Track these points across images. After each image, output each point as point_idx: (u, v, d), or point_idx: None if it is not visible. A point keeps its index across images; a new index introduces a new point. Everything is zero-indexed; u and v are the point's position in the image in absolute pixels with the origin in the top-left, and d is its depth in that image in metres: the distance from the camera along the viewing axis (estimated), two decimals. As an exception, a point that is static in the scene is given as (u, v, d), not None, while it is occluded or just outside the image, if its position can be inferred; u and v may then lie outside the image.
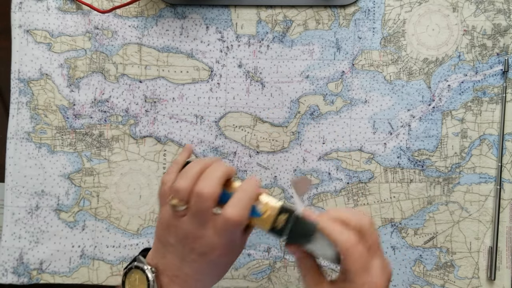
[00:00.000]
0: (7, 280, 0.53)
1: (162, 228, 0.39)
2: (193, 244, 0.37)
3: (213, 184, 0.37)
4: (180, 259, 0.38)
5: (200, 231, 0.37)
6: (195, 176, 0.38)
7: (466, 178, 0.53)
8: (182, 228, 0.38)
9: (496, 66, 0.53)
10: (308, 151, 0.54)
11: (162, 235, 0.39)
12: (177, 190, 0.38)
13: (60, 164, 0.54)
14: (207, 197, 0.36)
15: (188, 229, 0.37)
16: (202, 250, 0.37)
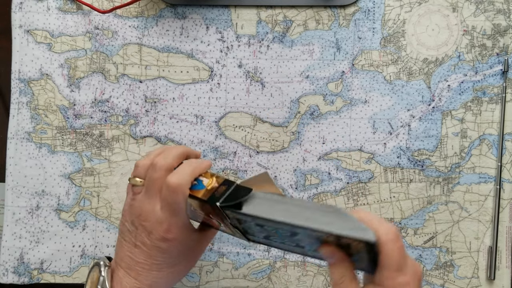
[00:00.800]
0: (7, 280, 0.53)
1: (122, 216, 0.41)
2: (144, 221, 0.39)
3: (169, 157, 0.40)
4: (133, 244, 0.39)
5: (150, 205, 0.39)
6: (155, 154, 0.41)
7: (466, 178, 0.53)
8: (136, 206, 0.40)
9: (496, 66, 0.53)
10: (308, 151, 0.54)
11: (121, 223, 0.41)
12: (137, 165, 0.41)
13: (60, 164, 0.54)
14: (160, 167, 0.39)
15: (140, 206, 0.39)
16: (150, 227, 0.38)
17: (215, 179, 0.40)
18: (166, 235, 0.38)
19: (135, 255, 0.39)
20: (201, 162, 0.40)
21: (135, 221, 0.39)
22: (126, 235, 0.40)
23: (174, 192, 0.37)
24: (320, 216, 0.34)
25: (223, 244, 0.54)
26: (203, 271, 0.54)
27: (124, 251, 0.40)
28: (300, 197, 0.54)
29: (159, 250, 0.39)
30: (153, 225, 0.38)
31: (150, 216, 0.38)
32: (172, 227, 0.38)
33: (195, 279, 0.54)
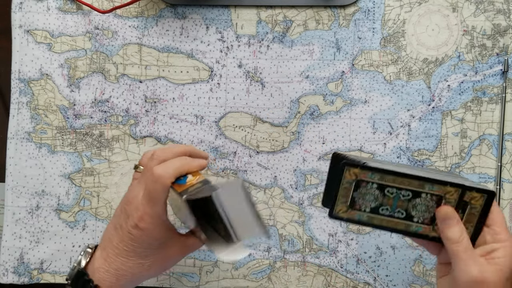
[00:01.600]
0: (7, 280, 0.53)
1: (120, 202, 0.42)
2: (127, 205, 0.40)
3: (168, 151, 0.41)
4: (114, 226, 0.41)
5: (137, 191, 0.40)
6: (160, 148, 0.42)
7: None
8: (129, 190, 0.41)
9: (496, 66, 0.53)
10: (308, 151, 0.54)
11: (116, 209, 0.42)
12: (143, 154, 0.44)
13: (60, 164, 0.54)
14: (156, 157, 0.40)
15: (131, 190, 0.41)
16: (130, 211, 0.39)
17: (198, 178, 0.41)
18: (138, 222, 0.39)
19: (112, 237, 0.40)
20: (192, 161, 0.41)
21: (123, 204, 0.41)
22: (114, 218, 0.42)
23: (155, 181, 0.38)
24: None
25: (223, 244, 0.54)
26: (203, 271, 0.54)
27: (106, 232, 0.42)
28: None
29: (130, 236, 0.39)
30: (132, 210, 0.39)
31: (133, 201, 0.39)
32: (146, 216, 0.39)
33: (195, 279, 0.54)
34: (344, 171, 0.41)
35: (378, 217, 0.41)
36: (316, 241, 0.53)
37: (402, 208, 0.41)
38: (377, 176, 0.41)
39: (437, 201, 0.40)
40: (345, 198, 0.42)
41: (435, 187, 0.40)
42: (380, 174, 0.40)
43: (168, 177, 0.38)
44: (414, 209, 0.41)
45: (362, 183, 0.41)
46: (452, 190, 0.40)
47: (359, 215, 0.42)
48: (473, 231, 0.39)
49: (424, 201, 0.41)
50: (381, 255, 0.53)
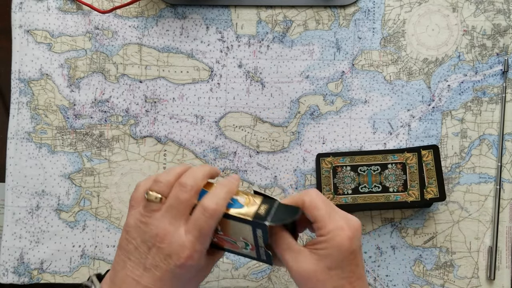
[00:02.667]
0: (7, 280, 0.53)
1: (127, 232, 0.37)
2: (161, 243, 0.35)
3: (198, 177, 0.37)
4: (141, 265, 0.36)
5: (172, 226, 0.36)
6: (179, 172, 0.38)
7: (466, 178, 0.53)
8: (153, 224, 0.36)
9: (496, 66, 0.53)
10: (308, 151, 0.54)
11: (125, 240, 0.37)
12: (158, 181, 0.37)
13: (60, 164, 0.54)
14: (190, 188, 0.36)
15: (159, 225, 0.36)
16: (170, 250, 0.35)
17: (251, 197, 0.38)
18: (187, 261, 0.35)
19: (142, 279, 0.36)
20: (232, 183, 0.38)
21: (149, 241, 0.36)
22: (133, 255, 0.36)
23: (211, 217, 0.35)
24: None
25: (223, 244, 0.54)
26: (203, 271, 0.54)
27: (127, 272, 0.36)
28: None
29: (173, 275, 0.36)
30: (173, 249, 0.35)
31: (171, 239, 0.35)
32: (196, 254, 0.35)
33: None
34: (320, 162, 0.50)
35: (360, 196, 0.49)
36: (316, 241, 0.53)
37: (377, 183, 0.49)
38: (347, 159, 0.49)
39: (402, 169, 0.48)
40: (328, 186, 0.50)
41: (396, 156, 0.48)
42: (349, 156, 0.50)
43: (222, 210, 0.36)
44: (387, 180, 0.49)
45: (338, 168, 0.49)
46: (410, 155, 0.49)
47: (344, 198, 0.49)
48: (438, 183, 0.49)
49: (392, 171, 0.49)
50: (381, 255, 0.53)
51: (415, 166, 0.48)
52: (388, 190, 0.49)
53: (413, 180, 0.49)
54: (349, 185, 0.49)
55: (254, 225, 0.36)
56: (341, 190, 0.49)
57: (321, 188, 0.50)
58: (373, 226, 0.53)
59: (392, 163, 0.48)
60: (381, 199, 0.49)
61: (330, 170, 0.48)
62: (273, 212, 0.37)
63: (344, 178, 0.49)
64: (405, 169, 0.49)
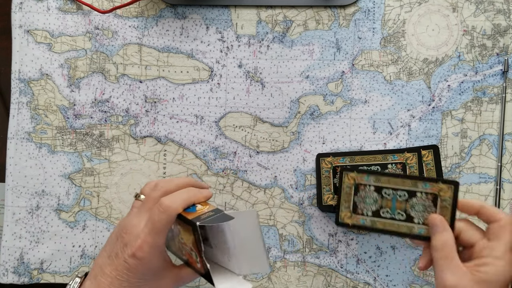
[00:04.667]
0: (7, 280, 0.53)
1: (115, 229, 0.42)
2: (124, 233, 0.40)
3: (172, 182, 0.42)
4: (107, 254, 0.40)
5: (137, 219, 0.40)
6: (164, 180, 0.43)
7: (466, 178, 0.53)
8: (126, 219, 0.41)
9: (496, 66, 0.53)
10: (308, 151, 0.54)
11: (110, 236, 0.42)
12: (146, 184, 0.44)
13: (60, 164, 0.54)
14: (160, 188, 0.41)
15: (129, 219, 0.40)
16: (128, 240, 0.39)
17: (208, 207, 0.41)
18: (136, 251, 0.38)
19: (104, 266, 0.40)
20: (199, 192, 0.42)
21: (118, 232, 0.40)
22: (107, 246, 0.41)
23: (163, 211, 0.38)
24: None
25: (223, 244, 0.54)
26: (203, 271, 0.54)
27: (98, 260, 0.41)
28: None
29: (126, 266, 0.39)
30: (130, 239, 0.39)
31: (132, 230, 0.39)
32: (145, 245, 0.38)
33: (195, 279, 0.54)
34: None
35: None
36: (316, 241, 0.53)
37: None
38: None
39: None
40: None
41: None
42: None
43: (176, 208, 0.39)
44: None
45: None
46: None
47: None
48: None
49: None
50: (381, 255, 0.53)
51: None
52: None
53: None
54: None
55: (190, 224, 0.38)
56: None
57: (321, 188, 0.50)
58: (373, 226, 0.53)
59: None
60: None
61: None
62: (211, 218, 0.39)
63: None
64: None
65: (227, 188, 0.54)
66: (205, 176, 0.54)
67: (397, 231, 0.43)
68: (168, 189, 0.41)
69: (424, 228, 0.42)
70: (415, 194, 0.42)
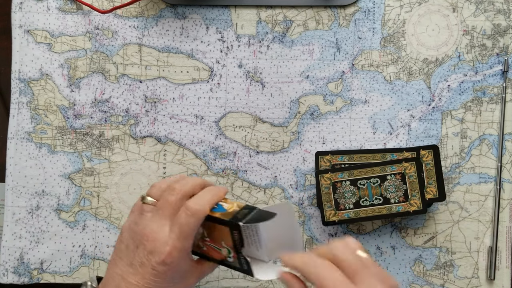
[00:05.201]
0: (7, 280, 0.53)
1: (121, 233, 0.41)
2: (147, 240, 0.38)
3: (188, 184, 0.40)
4: (129, 263, 0.39)
5: (158, 225, 0.38)
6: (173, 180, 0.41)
7: (465, 178, 0.53)
8: (142, 224, 0.39)
9: (496, 66, 0.53)
10: (308, 151, 0.54)
11: (119, 241, 0.40)
12: (153, 186, 0.41)
13: (60, 164, 0.54)
14: (178, 191, 0.39)
15: (147, 224, 0.39)
16: (153, 247, 0.38)
17: (235, 204, 0.40)
18: (166, 258, 0.37)
19: (127, 275, 0.38)
20: (219, 190, 0.41)
21: (137, 240, 0.39)
22: (123, 253, 0.39)
23: (192, 216, 0.38)
24: None
25: (223, 244, 0.54)
26: (203, 271, 0.54)
27: (115, 270, 0.39)
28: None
29: (154, 273, 0.38)
30: (156, 246, 0.38)
31: (156, 236, 0.38)
32: (175, 251, 0.38)
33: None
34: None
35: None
36: (317, 241, 0.53)
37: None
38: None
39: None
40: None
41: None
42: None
43: (205, 210, 0.38)
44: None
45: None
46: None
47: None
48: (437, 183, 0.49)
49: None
50: (381, 255, 0.53)
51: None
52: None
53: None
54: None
55: (230, 225, 0.38)
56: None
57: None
58: (373, 226, 0.53)
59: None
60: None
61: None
62: (250, 216, 0.38)
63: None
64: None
65: (227, 188, 0.54)
66: (205, 176, 0.54)
67: (379, 214, 0.48)
68: (186, 191, 0.40)
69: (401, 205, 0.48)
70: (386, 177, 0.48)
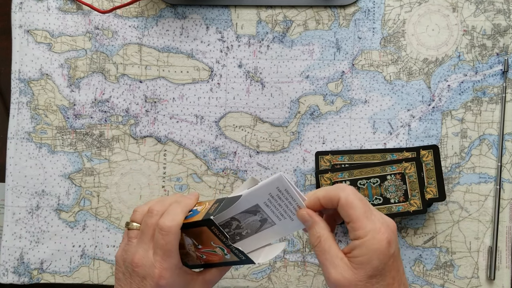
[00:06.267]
0: (7, 280, 0.53)
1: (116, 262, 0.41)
2: (136, 267, 0.38)
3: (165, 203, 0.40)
4: None
5: (143, 250, 0.38)
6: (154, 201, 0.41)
7: (466, 178, 0.53)
8: (130, 251, 0.39)
9: (496, 66, 0.53)
10: (308, 151, 0.54)
11: (116, 270, 0.41)
12: (135, 211, 0.41)
13: (60, 164, 0.54)
14: (156, 213, 0.39)
15: (134, 252, 0.39)
16: (144, 273, 0.38)
17: (207, 203, 0.40)
18: (159, 281, 0.37)
19: None
20: (188, 198, 0.41)
21: (129, 267, 0.39)
22: (123, 282, 0.40)
23: (167, 234, 0.37)
24: None
25: (223, 244, 0.54)
26: (203, 271, 0.54)
27: None
28: None
29: None
30: (146, 271, 0.38)
31: (143, 262, 0.38)
32: (165, 272, 0.38)
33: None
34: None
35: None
36: (316, 241, 0.53)
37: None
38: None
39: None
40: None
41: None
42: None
43: (177, 224, 0.38)
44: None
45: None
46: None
47: None
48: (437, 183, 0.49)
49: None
50: (381, 255, 0.53)
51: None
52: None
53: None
54: None
55: (205, 224, 0.37)
56: None
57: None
58: (373, 226, 0.53)
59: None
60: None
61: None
62: (220, 207, 0.38)
63: None
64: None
65: (227, 188, 0.54)
66: (205, 176, 0.54)
67: None
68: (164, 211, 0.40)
69: (401, 205, 0.47)
70: (386, 177, 0.47)
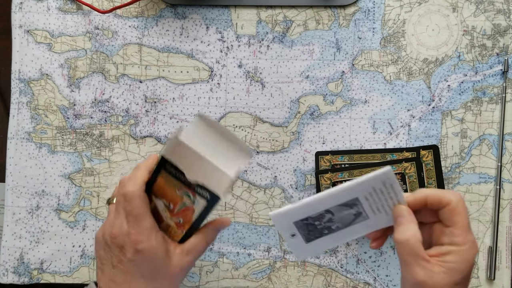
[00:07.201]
0: (7, 280, 0.53)
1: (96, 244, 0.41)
2: (115, 238, 0.38)
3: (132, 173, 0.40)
4: (111, 265, 0.39)
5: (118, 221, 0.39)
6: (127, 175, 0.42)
7: (466, 178, 0.53)
8: (108, 226, 0.40)
9: (496, 66, 0.53)
10: (308, 151, 0.54)
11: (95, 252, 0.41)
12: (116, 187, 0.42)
13: (60, 164, 0.54)
14: (123, 182, 0.39)
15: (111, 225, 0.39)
16: (121, 242, 0.38)
17: None
18: (136, 246, 0.37)
19: (115, 277, 0.38)
20: (147, 160, 0.41)
21: (109, 241, 0.39)
22: (104, 259, 0.39)
23: (131, 198, 0.38)
24: None
25: (223, 244, 0.54)
26: (203, 271, 0.54)
27: (105, 278, 0.39)
28: None
29: (134, 264, 0.38)
30: (123, 240, 0.38)
31: (119, 231, 0.38)
32: (140, 236, 0.38)
33: (195, 279, 0.54)
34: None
35: None
36: (316, 241, 0.53)
37: None
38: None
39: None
40: None
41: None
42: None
43: (139, 187, 0.38)
44: None
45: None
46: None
47: None
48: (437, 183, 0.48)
49: None
50: (381, 255, 0.53)
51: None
52: None
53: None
54: None
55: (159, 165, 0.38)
56: None
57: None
58: (373, 226, 0.53)
59: None
60: None
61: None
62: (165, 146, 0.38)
63: None
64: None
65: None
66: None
67: None
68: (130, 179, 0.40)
69: None
70: None
